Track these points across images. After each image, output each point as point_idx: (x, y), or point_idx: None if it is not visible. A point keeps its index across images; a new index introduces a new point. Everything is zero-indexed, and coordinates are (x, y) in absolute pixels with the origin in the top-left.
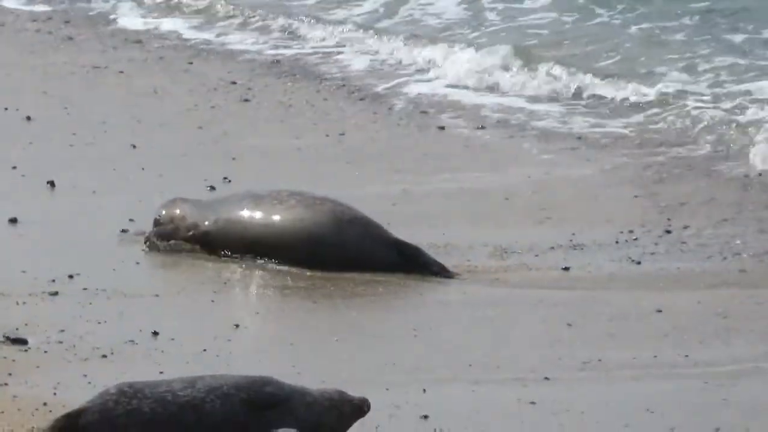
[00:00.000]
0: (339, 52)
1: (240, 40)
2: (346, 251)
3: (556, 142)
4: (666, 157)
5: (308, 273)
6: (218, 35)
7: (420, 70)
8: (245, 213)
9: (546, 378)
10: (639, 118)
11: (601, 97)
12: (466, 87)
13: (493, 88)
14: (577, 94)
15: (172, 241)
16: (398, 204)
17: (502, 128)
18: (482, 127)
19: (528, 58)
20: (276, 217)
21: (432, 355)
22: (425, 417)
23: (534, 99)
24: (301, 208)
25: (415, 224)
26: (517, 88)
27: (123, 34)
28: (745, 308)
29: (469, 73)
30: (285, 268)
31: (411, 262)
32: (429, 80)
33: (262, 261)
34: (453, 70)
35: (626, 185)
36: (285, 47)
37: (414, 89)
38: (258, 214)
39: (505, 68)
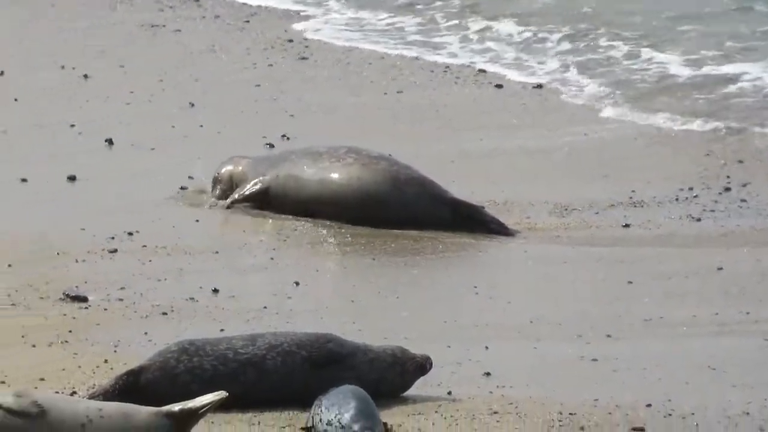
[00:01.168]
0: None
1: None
2: (402, 210)
3: (617, 98)
4: (726, 114)
5: (368, 230)
6: None
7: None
8: (303, 170)
9: (608, 335)
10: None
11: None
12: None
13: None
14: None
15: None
16: (456, 162)
17: (559, 86)
18: (539, 86)
19: None
20: (333, 175)
21: (493, 312)
22: (487, 374)
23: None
24: (358, 166)
25: (475, 182)
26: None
27: None
28: None
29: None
30: (345, 226)
31: (469, 220)
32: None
33: (323, 218)
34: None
35: (686, 142)
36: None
37: (469, 47)
38: (315, 171)
39: None
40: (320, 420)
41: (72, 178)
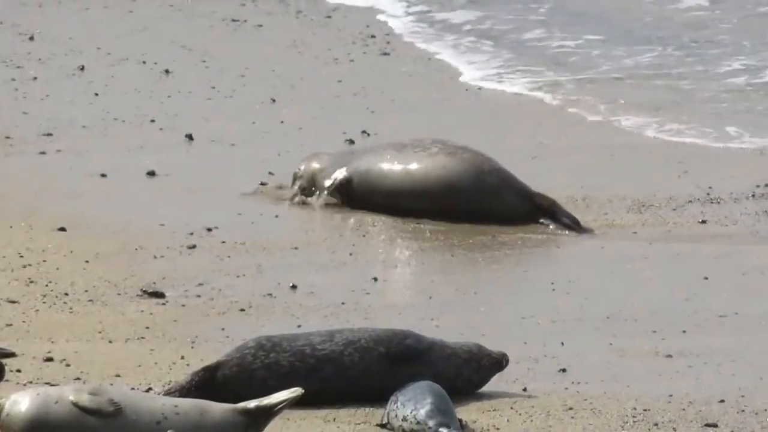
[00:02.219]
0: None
1: None
2: (484, 201)
3: (693, 95)
4: None
5: (446, 226)
6: None
7: None
8: (386, 160)
9: (683, 331)
10: None
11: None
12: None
13: None
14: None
15: (313, 196)
16: (538, 157)
17: (642, 79)
18: (619, 78)
19: None
20: (418, 164)
21: (569, 308)
22: (563, 370)
23: None
24: (443, 155)
25: (554, 177)
26: None
27: None
28: None
29: None
30: (423, 221)
31: (546, 215)
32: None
33: (401, 214)
34: None
35: (763, 138)
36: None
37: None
38: (399, 160)
39: None
40: (396, 416)
41: (151, 174)
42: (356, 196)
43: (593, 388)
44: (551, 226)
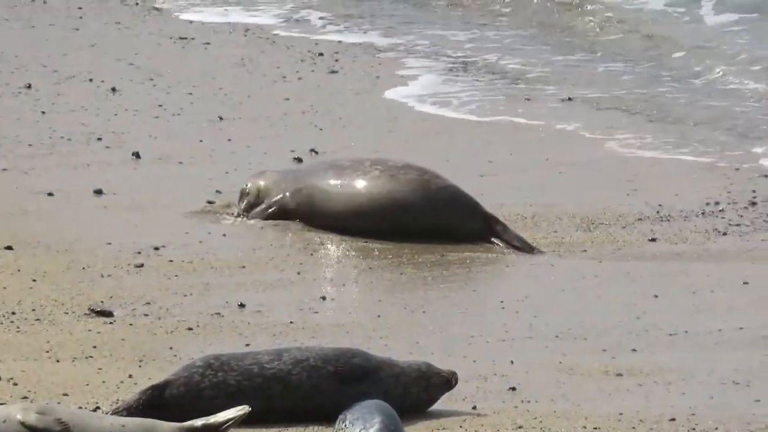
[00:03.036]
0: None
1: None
2: (434, 219)
3: (642, 115)
4: (752, 128)
5: (394, 245)
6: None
7: None
8: (328, 184)
9: (633, 349)
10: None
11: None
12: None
13: None
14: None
15: (258, 212)
16: (486, 175)
17: (589, 100)
18: (569, 99)
19: None
20: (360, 188)
21: (519, 326)
22: (513, 389)
23: None
24: (385, 177)
25: (503, 195)
26: None
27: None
28: None
29: None
30: (371, 240)
31: (496, 235)
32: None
33: (350, 233)
34: None
35: (711, 156)
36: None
37: (507, 61)
38: (341, 186)
39: None
40: None
41: (99, 192)
42: (301, 218)
43: (543, 406)
44: (500, 245)
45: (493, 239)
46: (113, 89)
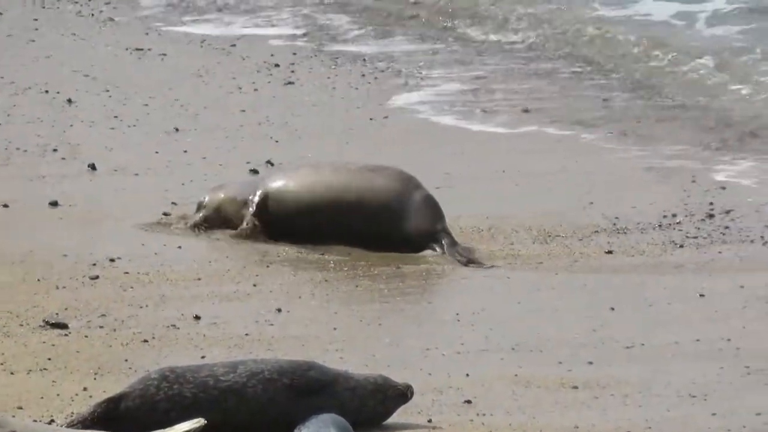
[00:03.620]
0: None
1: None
2: (405, 219)
3: (599, 127)
4: (709, 140)
5: (350, 257)
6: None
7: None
8: (302, 178)
9: (589, 362)
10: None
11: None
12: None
13: None
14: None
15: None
16: (442, 188)
17: (544, 113)
18: (527, 111)
19: None
20: (340, 177)
21: (475, 339)
22: (468, 402)
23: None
24: (366, 170)
25: (459, 207)
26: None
27: (166, 16)
28: None
29: None
30: (327, 252)
31: (440, 247)
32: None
33: (306, 243)
34: None
35: (669, 169)
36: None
37: (459, 69)
38: (320, 175)
39: None
40: None
41: (54, 204)
42: (273, 217)
43: (499, 419)
44: (437, 251)
45: (435, 246)
46: (69, 100)
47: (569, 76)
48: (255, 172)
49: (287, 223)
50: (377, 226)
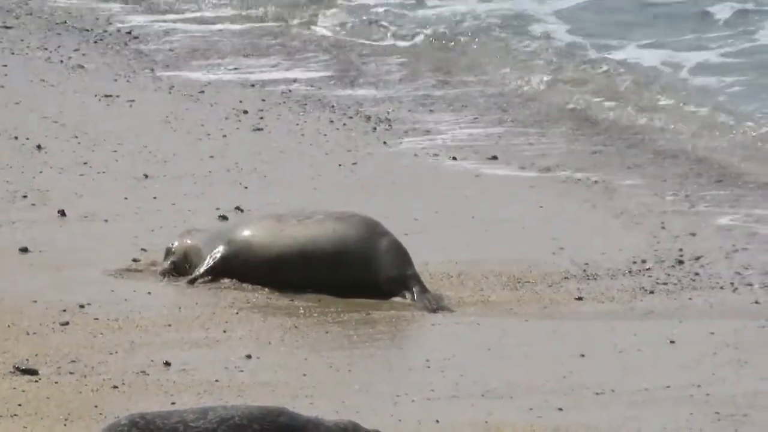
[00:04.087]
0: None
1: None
2: (372, 265)
3: (566, 173)
4: (678, 187)
5: (320, 304)
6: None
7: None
8: (267, 230)
9: (559, 408)
10: (650, 144)
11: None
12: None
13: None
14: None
15: (188, 274)
16: (411, 234)
17: (512, 160)
18: (494, 157)
19: None
20: (305, 229)
21: (445, 386)
22: None
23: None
24: (330, 220)
25: (428, 253)
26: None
27: (134, 62)
28: (758, 339)
29: None
30: (297, 298)
31: (411, 293)
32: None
33: (275, 292)
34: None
35: (638, 215)
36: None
37: (421, 118)
38: (284, 227)
39: None
40: None
41: (24, 250)
42: (237, 270)
43: None
44: (407, 299)
45: (405, 293)
46: (38, 147)
47: (538, 122)
48: (224, 218)
49: (254, 273)
50: (345, 274)
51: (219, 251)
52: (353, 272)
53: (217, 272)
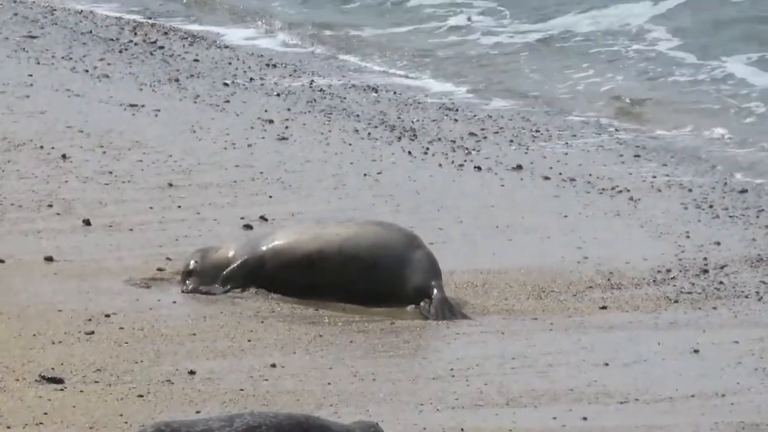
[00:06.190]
0: (374, 89)
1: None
2: (408, 272)
3: (590, 183)
4: (703, 196)
5: (344, 313)
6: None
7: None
8: (309, 228)
9: (583, 418)
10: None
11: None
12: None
13: None
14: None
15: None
16: (436, 243)
17: (536, 169)
18: (519, 167)
19: None
20: (346, 229)
21: (469, 394)
22: None
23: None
24: (372, 224)
25: (453, 263)
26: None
27: (160, 72)
28: None
29: None
30: (322, 307)
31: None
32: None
33: (300, 302)
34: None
35: (663, 224)
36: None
37: (448, 126)
38: (325, 227)
39: None
40: None
41: (49, 259)
42: (270, 273)
43: None
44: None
45: (425, 302)
46: (64, 156)
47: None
48: (249, 227)
49: (289, 275)
50: (377, 279)
51: (256, 250)
52: (386, 277)
53: (251, 274)
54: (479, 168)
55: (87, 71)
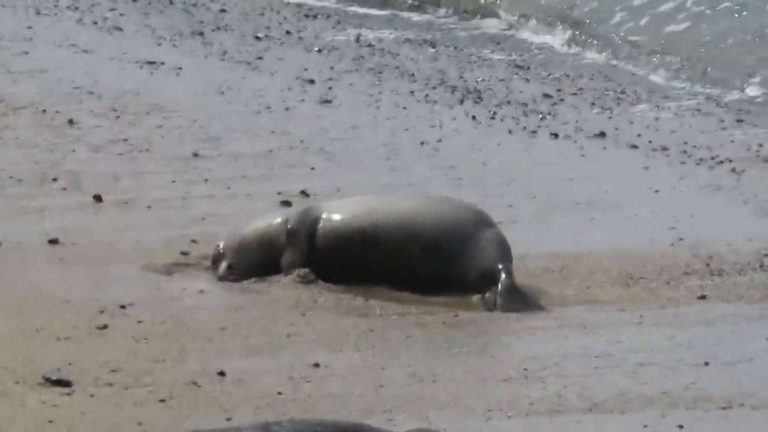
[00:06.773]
0: (431, 44)
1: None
2: (474, 253)
3: (685, 154)
4: None
5: (399, 303)
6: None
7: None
8: (368, 200)
9: (679, 426)
10: None
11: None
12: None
13: None
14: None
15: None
16: (505, 223)
17: (622, 137)
18: (602, 134)
19: None
20: (408, 202)
21: (546, 398)
22: None
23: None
24: (437, 200)
25: (526, 246)
26: None
27: (181, 24)
28: None
29: None
30: (373, 297)
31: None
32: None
33: (347, 291)
34: None
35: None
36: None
37: (519, 86)
38: (386, 199)
39: None
40: None
41: (54, 242)
42: (323, 248)
43: None
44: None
45: (487, 295)
46: (70, 122)
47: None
48: (287, 203)
49: (342, 251)
50: (438, 259)
51: (315, 218)
52: (449, 257)
53: (306, 246)
54: (555, 135)
55: (96, 23)
